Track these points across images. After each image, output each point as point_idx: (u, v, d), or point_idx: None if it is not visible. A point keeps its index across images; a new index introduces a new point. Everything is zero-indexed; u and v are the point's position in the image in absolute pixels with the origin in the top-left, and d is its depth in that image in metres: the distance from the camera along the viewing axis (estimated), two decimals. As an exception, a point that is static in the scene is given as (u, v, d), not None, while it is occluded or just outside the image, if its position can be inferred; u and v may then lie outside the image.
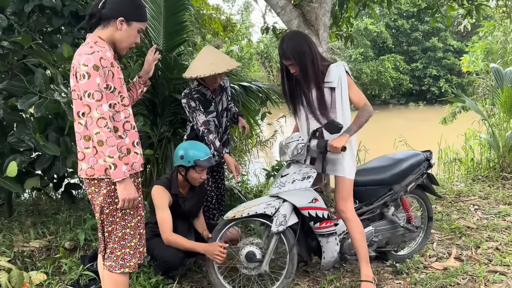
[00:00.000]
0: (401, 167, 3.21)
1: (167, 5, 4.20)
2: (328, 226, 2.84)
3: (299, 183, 2.83)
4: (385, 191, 3.16)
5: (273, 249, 2.83)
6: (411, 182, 3.27)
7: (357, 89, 2.84)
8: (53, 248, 3.56)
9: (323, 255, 2.90)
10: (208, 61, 3.20)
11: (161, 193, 2.99)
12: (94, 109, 2.06)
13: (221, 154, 3.25)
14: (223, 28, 8.83)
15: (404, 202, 3.28)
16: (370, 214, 3.14)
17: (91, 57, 2.06)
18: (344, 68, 2.79)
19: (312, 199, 2.82)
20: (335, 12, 5.85)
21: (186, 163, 2.97)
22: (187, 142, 3.15)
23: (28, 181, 3.56)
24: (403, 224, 3.23)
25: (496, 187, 5.43)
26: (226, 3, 30.11)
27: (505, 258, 3.35)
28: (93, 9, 2.21)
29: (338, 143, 2.63)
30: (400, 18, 29.06)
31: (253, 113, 4.75)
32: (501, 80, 6.01)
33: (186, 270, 3.32)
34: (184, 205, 3.11)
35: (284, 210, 2.80)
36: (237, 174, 3.24)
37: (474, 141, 7.15)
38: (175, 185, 3.08)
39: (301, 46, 2.74)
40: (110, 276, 2.31)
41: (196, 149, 3.00)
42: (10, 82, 3.31)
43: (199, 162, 2.95)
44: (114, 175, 2.09)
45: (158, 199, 2.98)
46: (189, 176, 3.03)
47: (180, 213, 3.09)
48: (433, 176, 3.50)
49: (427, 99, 28.67)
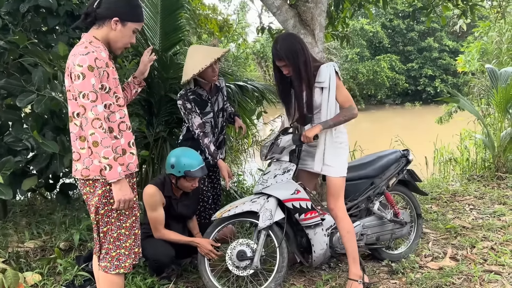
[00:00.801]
0: (380, 162, 3.38)
1: (164, 4, 4.19)
2: (313, 216, 2.92)
3: (280, 177, 2.95)
4: (367, 185, 3.29)
5: (263, 245, 2.87)
6: (392, 177, 3.38)
7: (344, 90, 2.87)
8: (48, 248, 3.55)
9: (313, 248, 2.95)
10: (199, 56, 3.21)
11: (155, 194, 2.95)
12: (89, 110, 2.05)
13: (215, 159, 3.23)
14: (219, 28, 8.82)
15: (388, 196, 3.36)
16: (357, 209, 3.24)
17: (85, 57, 2.05)
18: (334, 69, 2.82)
19: (294, 191, 2.90)
20: (331, 12, 5.85)
21: (176, 173, 2.93)
22: (180, 149, 3.10)
23: (25, 181, 3.55)
24: (390, 218, 3.30)
25: (491, 186, 5.45)
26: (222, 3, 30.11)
27: (500, 257, 3.36)
28: (88, 8, 2.20)
29: (310, 133, 2.75)
30: (396, 18, 29.16)
31: (249, 112, 4.76)
32: (496, 80, 6.03)
33: (182, 270, 3.32)
34: (177, 207, 3.10)
35: (269, 205, 2.88)
36: (228, 180, 3.24)
37: (470, 141, 7.18)
38: (169, 187, 3.05)
39: (294, 47, 2.78)
40: (105, 277, 2.30)
41: (189, 158, 2.94)
42: (8, 80, 3.30)
43: (189, 173, 2.91)
44: (110, 176, 2.09)
45: (151, 199, 2.94)
46: (180, 185, 3.01)
47: (173, 215, 3.09)
48: (414, 172, 3.60)
49: (422, 99, 28.79)
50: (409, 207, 3.61)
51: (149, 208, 2.96)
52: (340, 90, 2.84)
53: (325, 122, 2.80)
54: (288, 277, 3.17)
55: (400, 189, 3.55)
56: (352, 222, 3.11)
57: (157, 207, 2.95)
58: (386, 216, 3.29)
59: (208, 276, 2.92)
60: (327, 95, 2.81)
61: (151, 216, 2.96)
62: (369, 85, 27.89)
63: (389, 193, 3.37)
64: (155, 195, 2.95)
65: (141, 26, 2.32)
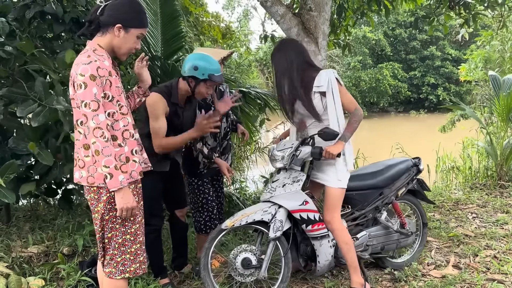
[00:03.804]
0: (390, 172, 3.30)
1: (164, 12, 4.25)
2: (320, 228, 2.89)
3: (290, 187, 2.90)
4: (376, 195, 3.23)
5: (271, 255, 2.84)
6: (401, 187, 3.33)
7: (348, 95, 2.89)
8: (52, 253, 3.55)
9: (317, 259, 2.94)
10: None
11: (159, 101, 2.83)
12: (90, 119, 2.06)
13: (211, 159, 3.26)
14: (222, 35, 8.86)
15: (396, 206, 3.33)
16: (364, 219, 3.19)
17: (88, 67, 2.06)
18: (333, 74, 2.83)
19: (302, 202, 2.86)
20: (333, 20, 5.88)
21: (200, 75, 2.82)
22: (198, 53, 2.99)
23: (23, 186, 3.55)
24: (396, 228, 3.27)
25: (494, 195, 5.45)
26: (225, 11, 30.29)
27: (503, 266, 3.35)
28: (91, 15, 2.21)
29: (335, 150, 2.72)
30: (398, 27, 29.22)
31: (252, 119, 4.78)
32: (498, 88, 6.04)
33: (184, 277, 3.32)
34: (182, 115, 3.00)
35: (280, 216, 2.84)
36: (229, 176, 3.27)
37: (472, 149, 7.18)
38: (175, 94, 2.93)
39: (287, 57, 2.85)
40: (110, 282, 2.31)
41: (210, 63, 2.85)
42: (10, 89, 3.32)
43: (214, 77, 2.83)
44: (110, 184, 2.10)
45: (155, 106, 2.81)
46: (197, 89, 2.89)
47: (176, 124, 2.98)
48: (423, 181, 3.55)
49: (425, 107, 28.76)
50: (415, 215, 3.58)
51: (152, 117, 2.84)
52: (344, 95, 2.84)
53: (343, 136, 2.78)
54: (290, 284, 3.16)
55: (408, 198, 3.49)
56: (358, 232, 3.12)
57: (159, 116, 2.83)
58: (392, 227, 3.25)
59: (211, 282, 2.91)
60: (331, 100, 2.80)
61: (153, 126, 2.85)
62: (372, 93, 27.90)
63: (397, 203, 3.33)
64: (158, 103, 2.83)
65: (145, 31, 2.33)
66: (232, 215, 2.96)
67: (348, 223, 3.13)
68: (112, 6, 2.17)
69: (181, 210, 3.28)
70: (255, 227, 2.92)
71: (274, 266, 3.01)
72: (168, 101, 2.89)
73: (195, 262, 3.54)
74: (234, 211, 4.48)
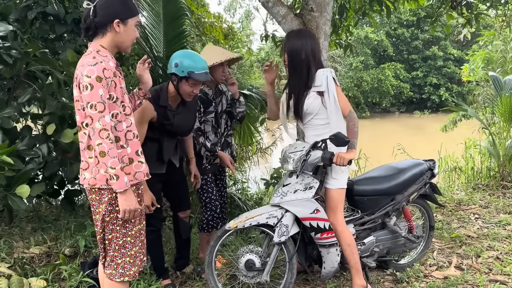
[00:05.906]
0: (404, 177, 3.19)
1: (166, 12, 4.25)
2: (329, 237, 2.82)
3: (301, 193, 2.80)
4: (388, 201, 3.14)
5: (274, 259, 2.81)
6: (414, 192, 3.25)
7: (343, 96, 2.87)
8: (53, 254, 3.55)
9: (323, 265, 2.89)
10: (214, 53, 3.30)
11: (145, 108, 2.74)
12: (96, 120, 2.06)
13: (214, 152, 3.30)
14: (224, 36, 8.86)
15: (406, 212, 3.27)
16: (372, 223, 3.12)
17: (94, 68, 2.07)
18: (330, 73, 2.82)
19: (313, 210, 2.78)
20: (335, 20, 5.87)
21: (179, 72, 2.77)
22: (185, 50, 2.96)
23: (33, 188, 3.55)
24: (404, 234, 3.21)
25: (496, 196, 5.43)
26: (227, 12, 30.34)
27: (506, 267, 3.34)
28: (85, 21, 2.18)
29: (348, 156, 2.66)
30: (400, 27, 29.20)
31: (252, 119, 4.78)
32: (500, 89, 6.02)
33: (186, 278, 3.32)
34: (173, 118, 2.92)
35: (286, 221, 2.78)
36: (233, 167, 3.35)
37: (474, 150, 7.16)
38: (164, 97, 2.88)
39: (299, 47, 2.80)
40: (110, 284, 2.31)
41: (192, 60, 2.78)
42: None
43: (193, 74, 2.75)
44: (116, 186, 2.10)
45: (140, 112, 2.72)
46: (181, 88, 2.83)
47: (168, 128, 2.93)
48: (435, 185, 3.46)
49: (427, 107, 28.74)
50: (423, 217, 3.51)
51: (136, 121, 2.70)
52: (339, 96, 2.82)
53: (352, 143, 2.71)
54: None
55: (419, 201, 3.39)
56: (366, 237, 3.06)
57: (142, 123, 2.75)
58: (400, 233, 3.18)
59: (214, 280, 2.90)
60: (328, 99, 2.79)
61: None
62: (374, 93, 27.89)
63: (407, 209, 3.26)
64: (143, 109, 2.73)
65: (140, 17, 2.31)
66: (234, 216, 2.94)
67: (356, 228, 3.06)
68: (103, 4, 2.15)
69: (184, 212, 3.27)
70: (262, 229, 2.89)
71: (278, 268, 3.00)
72: (156, 105, 2.85)
73: (196, 262, 3.54)
74: (236, 211, 4.48)
